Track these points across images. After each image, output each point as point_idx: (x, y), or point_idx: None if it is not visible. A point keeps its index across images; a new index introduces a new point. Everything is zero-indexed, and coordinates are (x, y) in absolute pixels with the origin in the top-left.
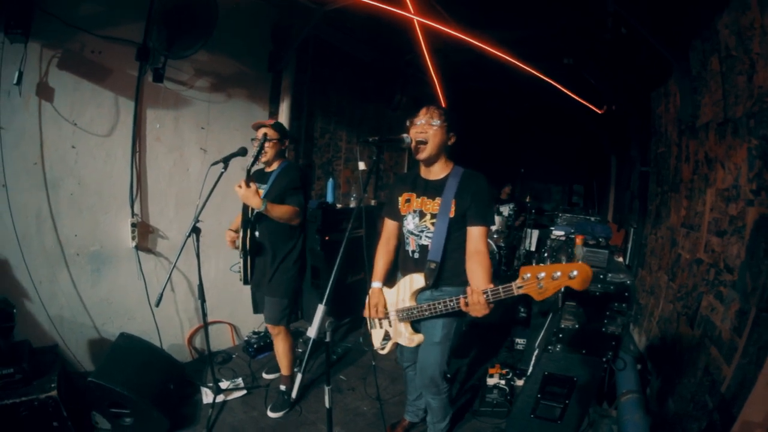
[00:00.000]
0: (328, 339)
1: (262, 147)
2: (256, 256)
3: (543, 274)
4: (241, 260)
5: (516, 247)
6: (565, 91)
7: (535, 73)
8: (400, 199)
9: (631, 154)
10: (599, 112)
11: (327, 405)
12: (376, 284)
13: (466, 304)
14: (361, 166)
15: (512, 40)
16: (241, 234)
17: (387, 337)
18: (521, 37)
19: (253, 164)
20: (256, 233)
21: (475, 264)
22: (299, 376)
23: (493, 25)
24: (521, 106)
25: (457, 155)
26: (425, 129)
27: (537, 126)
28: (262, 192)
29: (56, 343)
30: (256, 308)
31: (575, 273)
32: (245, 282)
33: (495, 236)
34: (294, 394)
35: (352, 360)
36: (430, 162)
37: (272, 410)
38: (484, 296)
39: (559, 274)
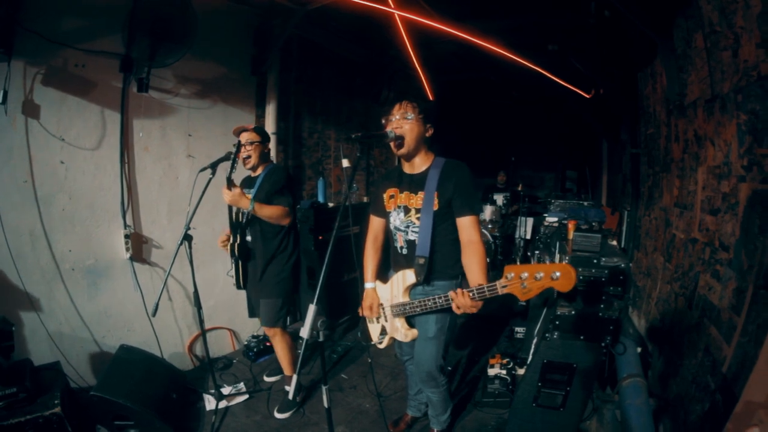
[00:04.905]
0: (321, 339)
1: (236, 153)
2: (248, 261)
3: (526, 274)
4: (233, 265)
5: (512, 235)
6: (552, 77)
7: (521, 61)
8: (384, 195)
9: (622, 137)
10: (587, 96)
11: (326, 405)
12: (368, 285)
13: (458, 307)
14: (345, 163)
15: (496, 29)
16: (230, 239)
17: (384, 331)
18: (504, 26)
19: (231, 170)
20: (248, 238)
21: (469, 256)
22: (295, 377)
23: (476, 15)
24: (509, 96)
25: (446, 146)
26: (401, 124)
27: (526, 114)
28: (250, 196)
29: (57, 359)
30: (252, 312)
31: (558, 274)
32: (238, 287)
33: (489, 226)
34: (291, 396)
35: (352, 358)
36: (410, 156)
37: (279, 411)
38: (470, 295)
39: (542, 274)
